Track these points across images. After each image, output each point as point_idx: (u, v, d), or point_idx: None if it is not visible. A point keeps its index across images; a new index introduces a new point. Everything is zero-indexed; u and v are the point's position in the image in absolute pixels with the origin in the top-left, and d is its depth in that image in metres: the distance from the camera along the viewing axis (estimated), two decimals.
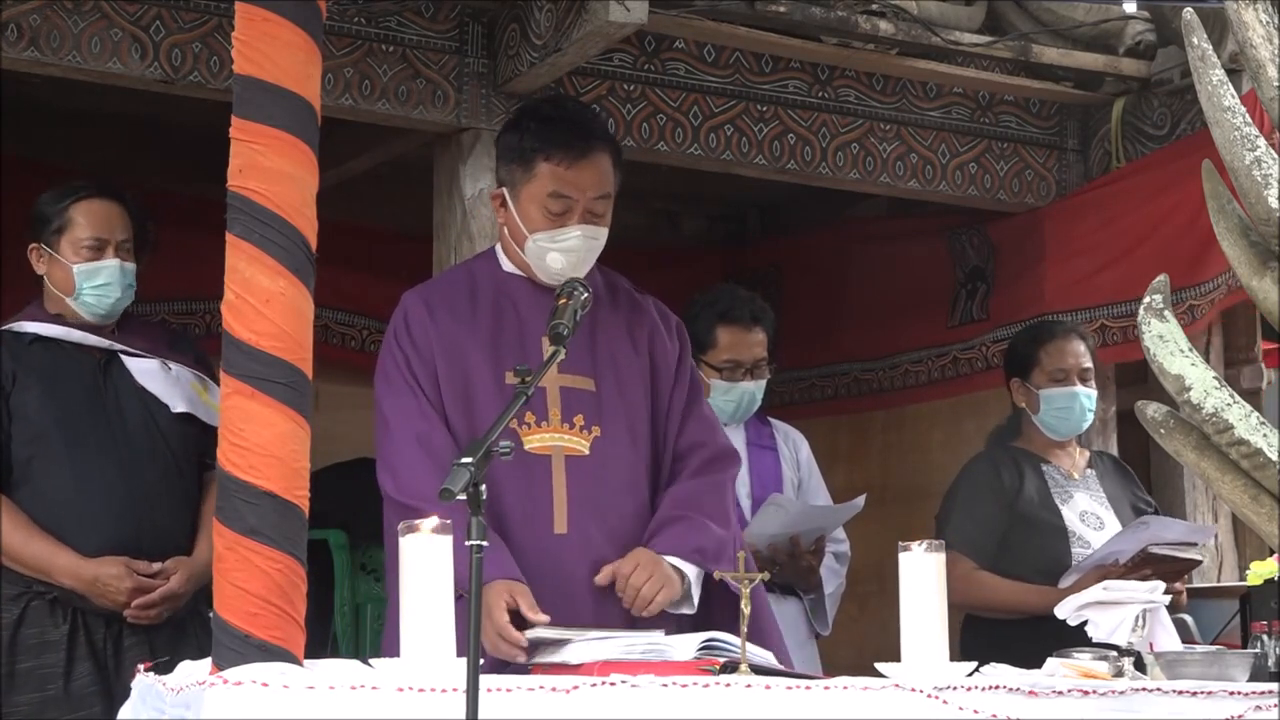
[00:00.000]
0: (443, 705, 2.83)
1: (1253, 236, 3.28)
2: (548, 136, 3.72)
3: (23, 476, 4.30)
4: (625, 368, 3.79)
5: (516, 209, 3.74)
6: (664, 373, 3.84)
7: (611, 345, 3.79)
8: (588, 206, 3.70)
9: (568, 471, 3.66)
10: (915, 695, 3.07)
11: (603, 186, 3.73)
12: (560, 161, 3.68)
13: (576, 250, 3.70)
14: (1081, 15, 5.49)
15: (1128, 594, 4.10)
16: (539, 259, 3.73)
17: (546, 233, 3.69)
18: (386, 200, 6.33)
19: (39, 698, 4.23)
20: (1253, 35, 3.28)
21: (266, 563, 2.95)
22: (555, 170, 3.68)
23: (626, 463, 3.73)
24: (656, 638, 3.29)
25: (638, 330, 3.86)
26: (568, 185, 3.68)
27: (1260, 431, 3.14)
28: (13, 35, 4.48)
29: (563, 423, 3.69)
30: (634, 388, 3.79)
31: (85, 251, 4.40)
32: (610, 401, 3.74)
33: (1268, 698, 3.27)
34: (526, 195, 3.71)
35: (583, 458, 3.68)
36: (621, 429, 3.74)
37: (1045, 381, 5.01)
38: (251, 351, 3.01)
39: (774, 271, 7.03)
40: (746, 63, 5.42)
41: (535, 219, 3.70)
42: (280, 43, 3.07)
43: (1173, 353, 3.20)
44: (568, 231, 3.69)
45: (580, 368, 3.71)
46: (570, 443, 3.68)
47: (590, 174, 3.70)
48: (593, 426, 3.70)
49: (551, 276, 3.72)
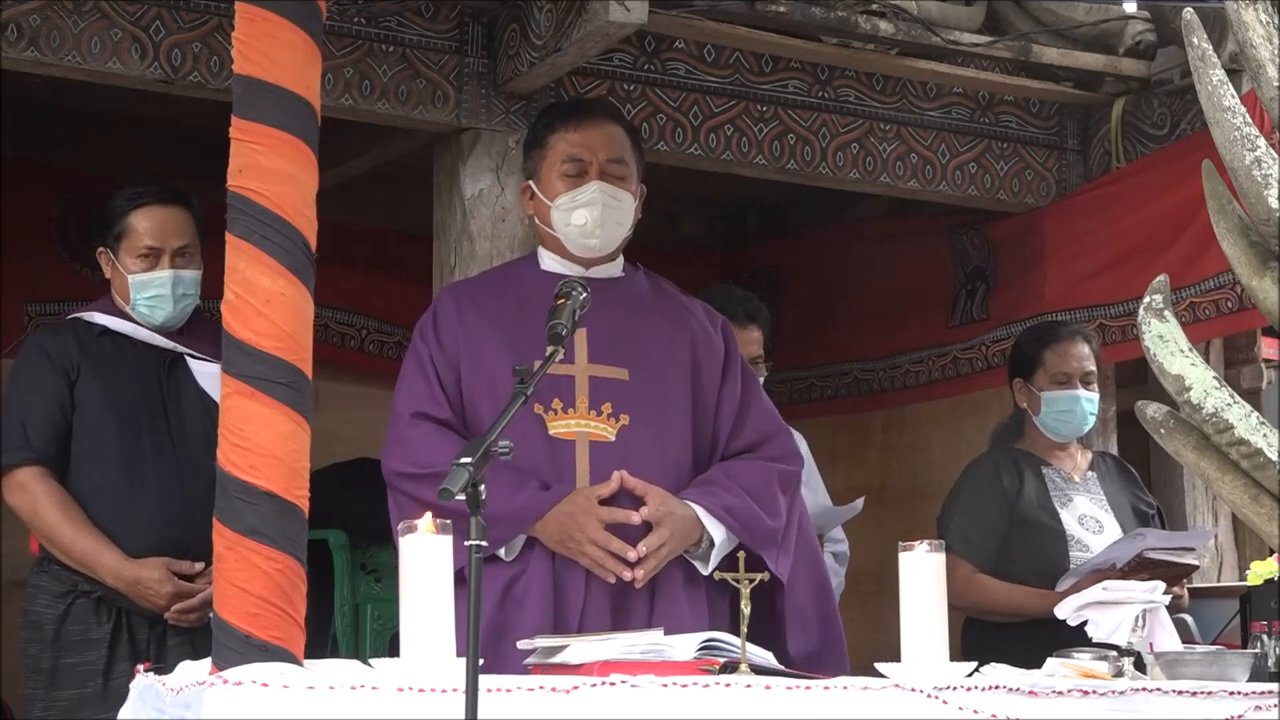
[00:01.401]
0: (443, 705, 2.84)
1: (1253, 236, 3.28)
2: (556, 114, 3.98)
3: (77, 469, 4.31)
4: (662, 361, 3.84)
5: (540, 190, 3.89)
6: (709, 370, 3.88)
7: (650, 338, 3.85)
8: (603, 168, 3.85)
9: (591, 457, 3.71)
10: (915, 695, 3.08)
11: (615, 149, 3.88)
12: (568, 128, 3.87)
13: (596, 203, 3.83)
14: (1081, 15, 5.49)
15: (1128, 594, 4.11)
16: (564, 225, 3.85)
17: (567, 195, 3.84)
18: (386, 200, 6.33)
19: (78, 694, 4.26)
20: (1253, 35, 3.29)
21: (266, 563, 2.95)
22: (565, 137, 3.87)
23: (654, 452, 3.76)
24: (657, 638, 3.30)
25: (680, 327, 3.91)
26: (578, 147, 3.85)
27: (1260, 431, 3.14)
28: (13, 35, 4.48)
29: (590, 409, 3.74)
30: (671, 381, 3.83)
31: (140, 261, 4.39)
32: (642, 392, 3.78)
33: (1268, 698, 3.28)
34: (545, 171, 3.88)
35: (608, 444, 3.72)
36: (652, 419, 3.77)
37: (1048, 384, 5.01)
38: (251, 351, 3.01)
39: (774, 271, 7.03)
40: (746, 63, 5.41)
41: (555, 187, 3.86)
42: (280, 43, 3.08)
43: (1173, 353, 3.20)
44: (585, 188, 3.83)
45: (614, 357, 3.78)
46: (596, 429, 3.73)
47: (599, 136, 3.87)
48: (621, 415, 3.75)
49: (580, 244, 3.85)
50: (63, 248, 6.01)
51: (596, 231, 3.84)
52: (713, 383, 3.88)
